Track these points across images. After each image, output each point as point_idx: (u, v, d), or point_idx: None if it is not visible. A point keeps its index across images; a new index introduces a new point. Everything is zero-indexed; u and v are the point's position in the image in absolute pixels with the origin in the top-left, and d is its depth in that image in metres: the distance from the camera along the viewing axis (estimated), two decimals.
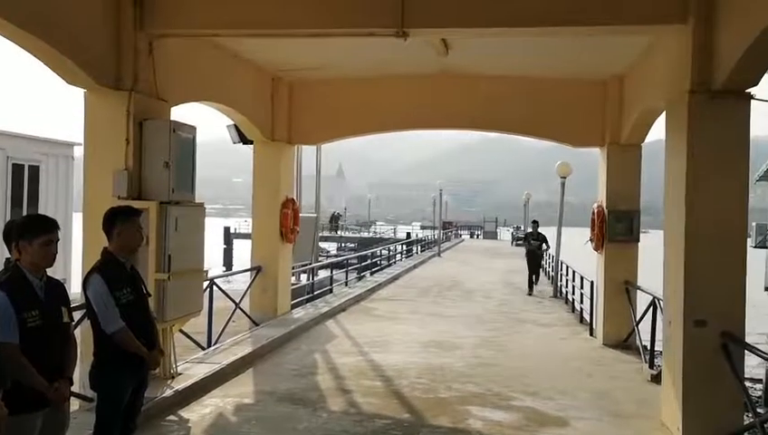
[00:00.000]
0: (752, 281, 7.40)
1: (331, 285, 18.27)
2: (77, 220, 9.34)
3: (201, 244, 8.53)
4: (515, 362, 10.36)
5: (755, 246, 27.62)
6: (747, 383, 8.45)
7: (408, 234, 56.41)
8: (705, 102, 6.82)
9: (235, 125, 12.45)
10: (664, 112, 8.19)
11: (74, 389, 4.29)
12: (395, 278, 23.35)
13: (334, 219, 65.95)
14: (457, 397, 8.28)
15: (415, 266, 29.19)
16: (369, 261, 25.64)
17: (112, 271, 4.68)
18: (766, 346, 22.78)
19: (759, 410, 11.01)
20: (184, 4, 7.97)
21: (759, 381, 20.52)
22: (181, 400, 7.61)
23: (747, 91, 6.77)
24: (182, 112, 10.29)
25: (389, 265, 28.39)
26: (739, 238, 6.94)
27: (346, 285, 19.58)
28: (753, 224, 29.10)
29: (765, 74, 6.60)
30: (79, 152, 12.46)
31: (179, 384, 7.87)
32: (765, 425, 6.12)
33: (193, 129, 8.24)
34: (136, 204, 6.43)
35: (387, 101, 12.80)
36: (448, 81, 12.23)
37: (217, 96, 10.54)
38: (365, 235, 64.52)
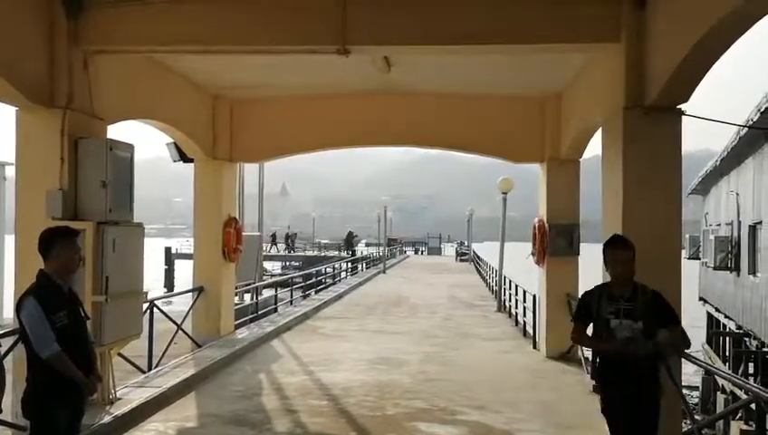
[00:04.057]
0: (686, 291, 7.62)
1: (275, 304, 18.06)
2: (9, 242, 9.02)
3: (140, 265, 8.34)
4: (461, 377, 10.41)
5: (689, 258, 28.50)
6: (684, 391, 8.67)
7: (354, 251, 56.27)
8: (639, 118, 7.03)
9: (174, 143, 12.24)
10: (600, 128, 8.41)
11: (5, 417, 4.11)
12: (340, 296, 23.25)
13: (350, 235, 62.44)
14: (404, 413, 8.26)
15: (360, 284, 29.15)
16: (314, 279, 25.51)
17: (49, 294, 4.52)
18: (702, 354, 23.54)
19: (696, 416, 11.30)
20: (120, 19, 7.81)
21: (696, 388, 21.16)
22: (121, 426, 7.36)
23: (678, 106, 7.02)
24: (120, 130, 10.08)
25: (335, 283, 28.29)
26: (674, 250, 7.14)
27: (291, 304, 19.38)
28: (687, 236, 30.04)
29: (695, 91, 6.84)
30: (11, 172, 12.07)
31: (118, 410, 7.62)
32: (703, 431, 6.28)
33: (131, 147, 8.07)
34: (72, 225, 6.21)
35: (329, 119, 12.79)
36: (391, 98, 12.33)
37: (156, 114, 10.36)
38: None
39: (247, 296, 17.04)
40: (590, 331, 5.27)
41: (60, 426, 4.54)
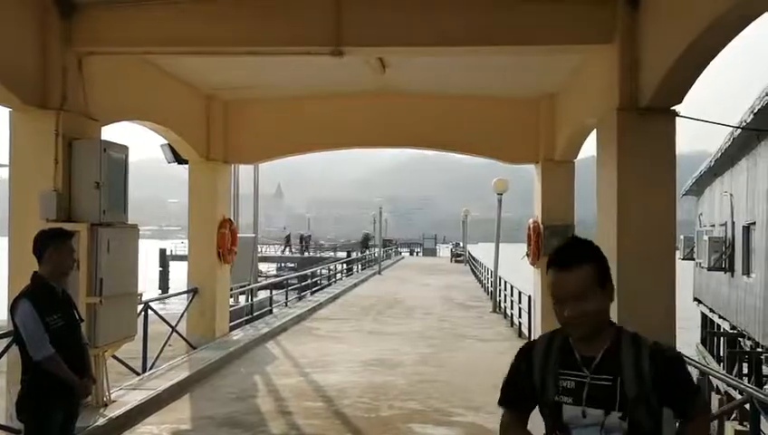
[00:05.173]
0: (681, 292, 7.63)
1: (270, 305, 18.03)
2: (3, 244, 8.99)
3: (135, 266, 8.32)
4: (456, 378, 10.40)
5: (683, 259, 28.55)
6: None
7: (349, 253, 56.25)
8: (633, 119, 7.04)
9: (169, 144, 12.22)
10: (595, 129, 8.43)
11: None
12: (336, 297, 23.22)
13: (366, 237, 61.13)
14: (399, 415, 8.25)
15: (356, 285, 29.12)
16: (309, 281, 25.49)
17: (43, 296, 4.51)
18: (696, 355, 23.56)
19: None
20: (114, 20, 7.79)
21: None
22: (115, 428, 7.34)
23: (672, 108, 7.03)
24: (114, 132, 10.06)
25: (330, 285, 28.27)
26: (669, 251, 7.17)
27: (286, 305, 19.36)
28: (681, 237, 30.11)
29: (689, 92, 6.86)
30: (4, 173, 12.01)
31: (113, 412, 7.60)
32: None
33: (125, 148, 8.05)
34: (66, 226, 6.20)
35: (325, 120, 12.78)
36: (386, 99, 12.32)
37: (150, 115, 10.33)
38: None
39: (242, 298, 17.01)
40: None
41: (53, 428, 4.52)
